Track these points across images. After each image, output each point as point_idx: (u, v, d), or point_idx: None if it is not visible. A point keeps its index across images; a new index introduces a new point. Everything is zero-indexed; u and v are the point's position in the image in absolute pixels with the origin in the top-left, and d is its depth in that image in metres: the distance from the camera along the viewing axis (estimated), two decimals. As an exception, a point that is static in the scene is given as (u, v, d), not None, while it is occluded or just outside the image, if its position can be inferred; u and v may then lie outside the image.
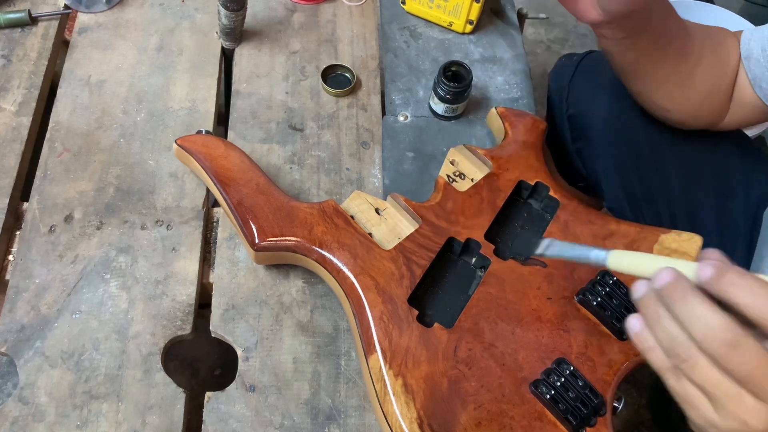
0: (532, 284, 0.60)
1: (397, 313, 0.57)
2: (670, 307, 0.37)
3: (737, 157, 0.74)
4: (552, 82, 0.84)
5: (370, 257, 0.60)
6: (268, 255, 0.62)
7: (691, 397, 0.38)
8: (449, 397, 0.53)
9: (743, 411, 0.36)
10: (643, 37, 0.60)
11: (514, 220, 0.67)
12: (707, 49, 0.64)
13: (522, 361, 0.56)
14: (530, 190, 0.67)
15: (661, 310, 0.38)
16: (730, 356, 0.35)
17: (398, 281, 0.59)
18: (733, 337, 0.35)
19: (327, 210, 0.63)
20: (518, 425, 0.53)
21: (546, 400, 0.54)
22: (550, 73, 0.86)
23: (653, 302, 0.39)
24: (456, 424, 0.52)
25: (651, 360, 0.40)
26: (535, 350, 0.56)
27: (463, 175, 0.67)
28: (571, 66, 0.80)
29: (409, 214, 0.64)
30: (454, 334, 0.57)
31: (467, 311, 0.58)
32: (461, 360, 0.55)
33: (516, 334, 0.57)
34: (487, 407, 0.53)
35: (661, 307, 0.38)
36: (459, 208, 0.64)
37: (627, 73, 0.67)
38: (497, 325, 0.58)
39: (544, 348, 0.57)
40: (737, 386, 0.36)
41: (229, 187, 0.64)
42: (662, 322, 0.38)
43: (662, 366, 0.39)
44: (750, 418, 0.35)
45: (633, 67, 0.65)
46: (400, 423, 0.52)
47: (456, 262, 0.64)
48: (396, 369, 0.54)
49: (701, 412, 0.37)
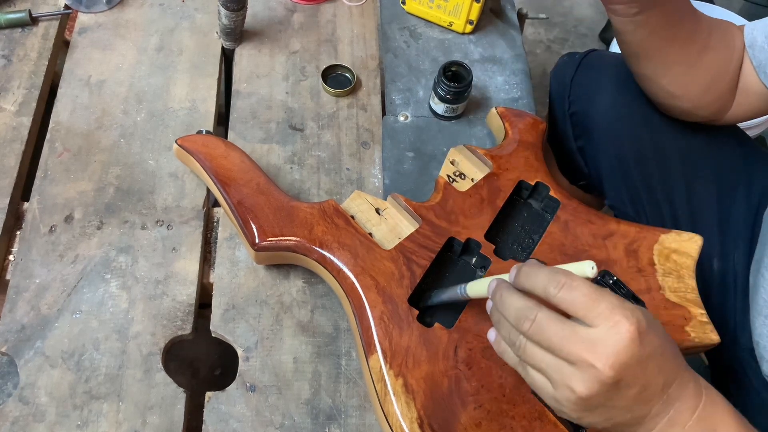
0: None
1: (398, 313, 0.57)
2: (499, 308, 0.44)
3: (739, 157, 0.74)
4: (553, 80, 0.84)
5: (371, 257, 0.60)
6: (269, 255, 0.62)
7: (536, 382, 0.43)
8: (449, 396, 0.54)
9: (567, 379, 0.40)
10: (654, 14, 0.61)
11: (514, 220, 0.67)
12: (714, 33, 0.65)
13: None
14: (530, 190, 0.67)
15: (497, 314, 0.45)
16: (534, 330, 0.41)
17: (398, 281, 0.59)
18: (530, 312, 0.41)
19: (327, 210, 0.63)
20: (518, 425, 0.53)
21: None
22: (551, 72, 0.86)
23: (495, 311, 0.45)
24: (456, 424, 0.52)
25: (508, 361, 0.46)
26: None
27: (464, 175, 0.67)
28: (573, 64, 0.80)
29: (410, 214, 0.64)
30: (455, 334, 0.57)
31: (468, 311, 0.58)
32: (461, 360, 0.55)
33: None
34: (487, 407, 0.53)
35: (497, 311, 0.45)
36: (459, 208, 0.64)
37: (636, 54, 0.67)
38: None
39: None
40: (554, 357, 0.41)
41: (230, 187, 0.64)
42: (501, 322, 0.45)
43: (515, 363, 0.45)
44: (574, 384, 0.40)
45: (643, 47, 0.65)
46: (401, 423, 0.52)
47: (456, 262, 0.64)
48: (396, 369, 0.54)
49: (546, 392, 0.42)
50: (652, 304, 0.59)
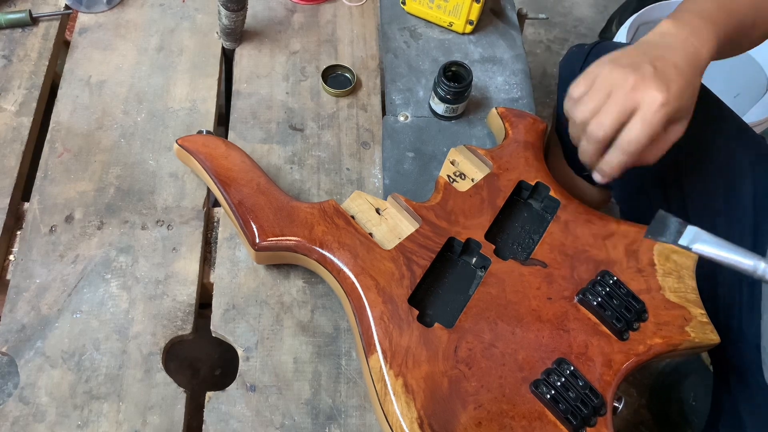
0: (532, 284, 0.60)
1: (398, 313, 0.57)
2: None
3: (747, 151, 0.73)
4: (562, 70, 0.84)
5: (371, 257, 0.60)
6: (269, 255, 0.62)
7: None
8: (450, 397, 0.53)
9: None
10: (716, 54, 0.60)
11: (514, 220, 0.67)
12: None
13: (522, 361, 0.56)
14: (530, 190, 0.67)
15: None
16: None
17: (399, 281, 0.59)
18: None
19: (327, 210, 0.63)
20: (518, 425, 0.53)
21: (546, 400, 0.54)
22: (560, 62, 0.86)
23: None
24: (456, 424, 0.52)
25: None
26: (536, 350, 0.56)
27: (464, 175, 0.67)
28: (582, 54, 0.80)
29: (410, 214, 0.64)
30: (455, 334, 0.57)
31: (467, 311, 0.58)
32: (461, 360, 0.55)
33: (516, 334, 0.57)
34: (488, 407, 0.53)
35: None
36: (459, 208, 0.64)
37: None
38: (497, 325, 0.58)
39: (545, 348, 0.57)
40: None
41: (230, 187, 0.64)
42: None
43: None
44: None
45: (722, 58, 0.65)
46: (401, 423, 0.52)
47: (456, 262, 0.64)
48: (396, 369, 0.54)
49: None
50: (652, 304, 0.59)
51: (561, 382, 0.54)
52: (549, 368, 0.55)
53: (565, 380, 0.54)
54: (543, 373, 0.55)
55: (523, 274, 0.61)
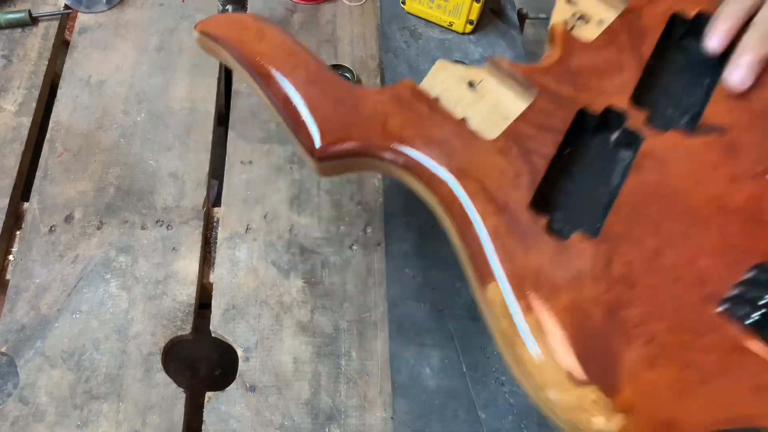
0: (708, 161, 0.44)
1: (518, 223, 0.42)
2: None
3: None
4: None
5: (471, 152, 0.44)
6: (334, 165, 0.48)
7: None
8: (606, 331, 0.39)
9: None
10: None
11: (669, 73, 0.50)
12: None
13: (705, 271, 0.40)
14: (689, 26, 0.51)
15: None
16: None
17: (514, 180, 0.43)
18: None
19: (403, 94, 0.47)
20: (707, 361, 0.38)
21: (744, 323, 0.39)
22: None
23: None
24: (620, 368, 0.38)
25: None
26: (722, 255, 0.41)
27: (587, 16, 0.50)
28: None
29: (517, 82, 0.47)
30: (603, 245, 0.41)
31: (617, 210, 0.42)
32: (617, 279, 0.40)
33: (691, 235, 0.41)
34: (661, 340, 0.38)
35: None
36: (588, 66, 0.48)
37: None
38: (663, 226, 0.42)
39: (735, 250, 0.41)
40: None
41: (271, 79, 0.48)
42: None
43: None
44: None
45: None
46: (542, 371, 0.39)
47: (593, 144, 0.47)
48: (526, 300, 0.39)
49: None
50: None
51: (766, 296, 0.39)
52: (744, 278, 0.40)
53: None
54: (736, 286, 0.40)
55: (692, 149, 0.44)
